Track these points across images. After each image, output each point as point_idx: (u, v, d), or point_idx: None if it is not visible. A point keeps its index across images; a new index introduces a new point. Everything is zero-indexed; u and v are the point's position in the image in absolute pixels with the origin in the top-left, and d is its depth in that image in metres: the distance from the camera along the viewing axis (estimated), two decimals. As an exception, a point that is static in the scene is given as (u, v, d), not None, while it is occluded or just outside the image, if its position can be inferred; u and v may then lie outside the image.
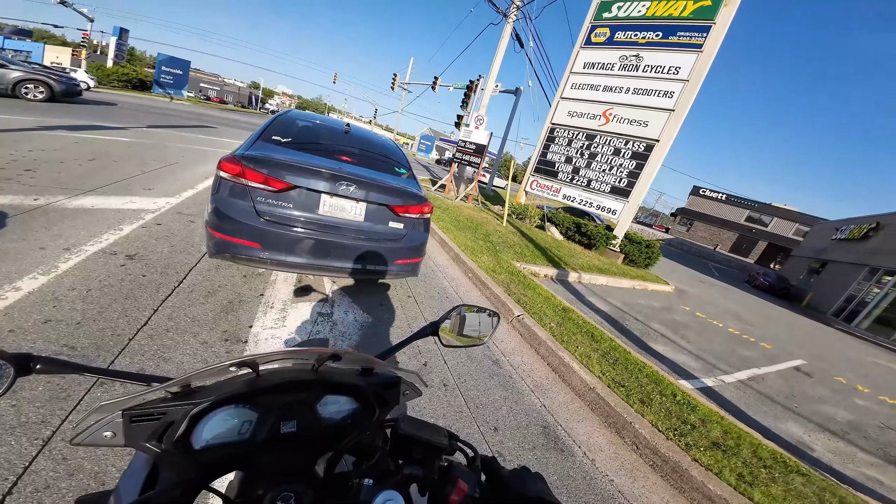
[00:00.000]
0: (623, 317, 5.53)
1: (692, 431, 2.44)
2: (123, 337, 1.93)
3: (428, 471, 0.54)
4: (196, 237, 3.38)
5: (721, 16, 8.36)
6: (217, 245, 2.29)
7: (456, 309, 0.88)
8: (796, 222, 35.78)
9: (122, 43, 31.42)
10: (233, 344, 2.13)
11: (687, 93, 8.73)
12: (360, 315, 2.84)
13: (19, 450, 1.29)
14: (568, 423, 2.41)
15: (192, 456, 0.50)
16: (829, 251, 20.89)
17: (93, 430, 0.47)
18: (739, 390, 4.21)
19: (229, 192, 2.28)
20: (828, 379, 5.95)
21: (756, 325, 8.96)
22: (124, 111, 11.93)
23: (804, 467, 2.43)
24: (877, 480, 3.07)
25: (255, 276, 2.97)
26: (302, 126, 3.08)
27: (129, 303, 2.21)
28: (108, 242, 2.87)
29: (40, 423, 1.40)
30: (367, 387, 0.61)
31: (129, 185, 4.35)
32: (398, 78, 23.38)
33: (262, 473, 0.55)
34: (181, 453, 0.50)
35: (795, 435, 3.50)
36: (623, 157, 9.69)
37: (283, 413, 0.55)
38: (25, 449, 1.30)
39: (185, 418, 0.49)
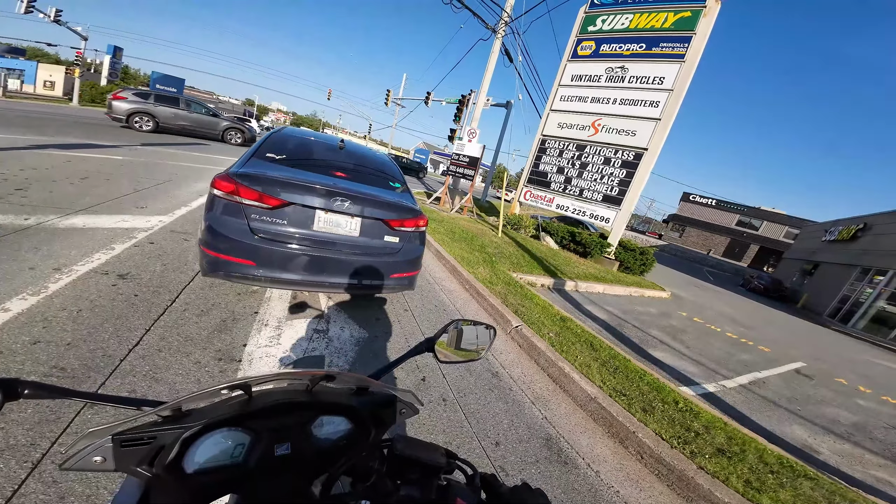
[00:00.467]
0: (621, 324, 5.52)
1: (696, 439, 2.41)
2: (115, 358, 1.89)
3: (426, 491, 0.53)
4: (190, 255, 3.35)
5: (701, 26, 8.69)
6: (211, 263, 2.26)
7: (452, 324, 0.87)
8: (785, 225, 36.40)
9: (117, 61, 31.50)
10: (227, 363, 2.09)
11: (672, 102, 8.97)
12: (356, 331, 2.81)
13: (8, 473, 1.26)
14: (570, 434, 2.37)
15: (184, 480, 0.49)
16: (820, 252, 21.20)
17: (82, 455, 0.46)
18: (741, 395, 4.19)
19: (223, 209, 2.27)
20: (829, 380, 5.95)
21: (753, 328, 9.00)
22: (112, 128, 11.95)
23: (812, 471, 2.41)
24: (886, 482, 3.04)
25: (250, 293, 2.94)
26: (296, 143, 3.10)
27: (121, 323, 2.17)
28: (100, 262, 2.83)
29: (29, 446, 1.37)
30: (362, 407, 0.60)
31: (121, 203, 4.32)
32: (391, 94, 23.81)
33: (256, 497, 0.53)
34: (173, 478, 0.49)
35: (801, 438, 3.48)
36: (613, 166, 9.86)
37: (277, 435, 0.54)
38: (14, 472, 1.27)
39: (176, 442, 0.48)
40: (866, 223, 17.47)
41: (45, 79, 31.35)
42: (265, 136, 3.00)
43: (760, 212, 38.44)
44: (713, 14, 8.60)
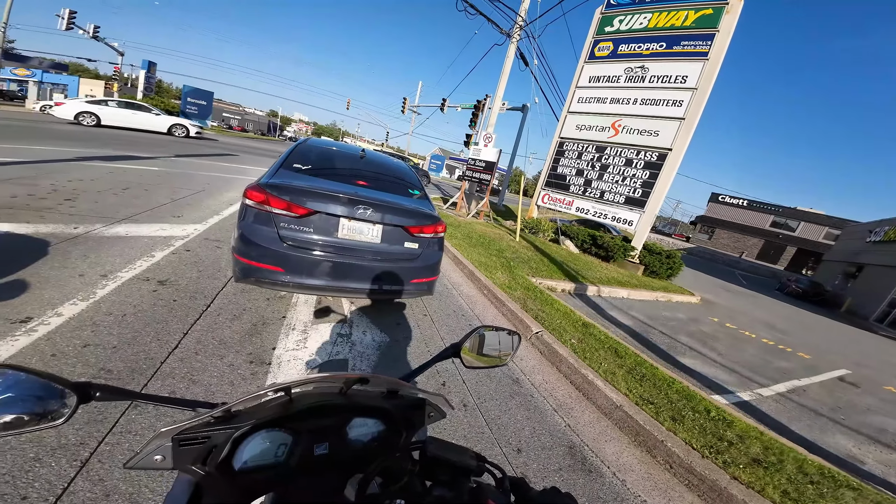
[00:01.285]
0: (647, 330, 5.35)
1: (730, 448, 2.31)
2: (156, 360, 2.01)
3: (458, 492, 0.53)
4: (222, 262, 3.52)
5: (724, 23, 8.40)
6: (243, 270, 2.38)
7: (476, 330, 0.89)
8: (825, 226, 34.18)
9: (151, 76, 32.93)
10: (257, 366, 2.18)
11: (696, 100, 8.68)
12: (377, 335, 2.86)
13: (59, 471, 1.33)
14: (595, 443, 2.32)
15: (232, 478, 0.53)
16: (865, 254, 19.78)
17: (145, 454, 0.50)
18: (779, 403, 3.96)
19: (254, 218, 2.39)
20: (876, 388, 5.55)
21: (792, 333, 8.48)
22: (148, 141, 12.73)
23: (855, 481, 2.27)
24: None
25: (278, 298, 3.06)
26: (320, 153, 3.22)
27: (161, 327, 2.31)
28: (142, 269, 3.03)
29: (79, 445, 1.44)
30: (394, 409, 0.62)
31: (159, 212, 4.60)
32: (408, 101, 24.20)
33: (294, 496, 0.56)
34: (222, 476, 0.52)
35: (844, 448, 3.28)
36: (636, 168, 9.61)
37: (316, 436, 0.57)
38: (65, 470, 1.34)
39: (227, 441, 0.52)
40: (917, 222, 16.17)
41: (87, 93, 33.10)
42: (291, 147, 3.13)
43: (797, 212, 36.30)
44: (737, 10, 8.30)
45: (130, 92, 32.02)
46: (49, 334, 2.02)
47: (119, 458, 1.43)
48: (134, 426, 1.57)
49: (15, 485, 1.26)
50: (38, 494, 1.25)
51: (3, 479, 1.27)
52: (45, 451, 1.39)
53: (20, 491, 1.25)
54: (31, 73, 31.19)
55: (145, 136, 14.21)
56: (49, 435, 1.45)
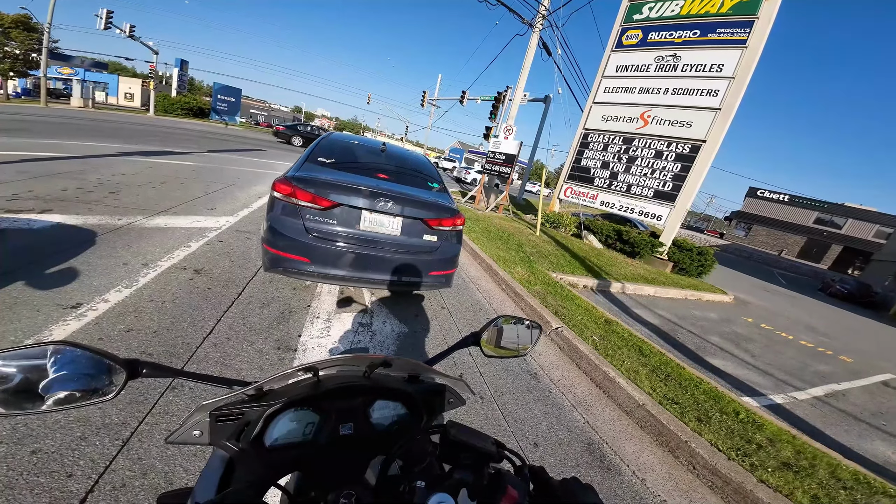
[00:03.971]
0: (675, 330, 5.16)
1: (758, 451, 2.22)
2: (192, 345, 2.14)
3: (478, 476, 0.53)
4: (252, 253, 3.68)
5: (764, 9, 7.82)
6: (272, 260, 2.49)
7: (497, 319, 0.89)
8: (876, 223, 31.50)
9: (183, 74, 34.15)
10: (284, 352, 2.28)
11: (734, 90, 8.17)
12: (396, 325, 2.92)
13: (102, 450, 1.41)
14: (614, 440, 2.28)
15: (264, 455, 0.56)
16: (923, 254, 18.10)
17: (185, 430, 0.53)
18: (815, 408, 3.75)
19: (282, 210, 2.48)
20: (927, 397, 5.10)
21: (833, 336, 7.95)
22: (183, 136, 13.36)
23: (892, 488, 2.14)
24: None
25: (303, 288, 3.17)
26: (343, 147, 3.29)
27: (197, 314, 2.45)
28: (179, 258, 3.22)
29: (121, 425, 1.52)
30: (416, 393, 0.64)
31: (194, 205, 4.85)
32: (427, 95, 24.13)
33: (318, 474, 0.58)
34: (255, 452, 0.55)
35: (883, 455, 3.09)
36: (666, 160, 9.19)
37: (342, 416, 0.60)
38: (108, 449, 1.41)
39: (260, 419, 0.55)
40: None
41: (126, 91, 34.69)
42: (317, 141, 3.22)
43: (844, 208, 33.63)
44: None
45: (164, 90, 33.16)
46: (97, 319, 2.19)
47: (157, 438, 1.51)
48: (171, 407, 1.68)
49: (62, 462, 1.33)
50: (82, 472, 1.32)
51: (53, 458, 1.34)
52: (91, 430, 1.47)
53: (66, 469, 1.32)
54: (75, 71, 33.06)
55: (179, 131, 14.91)
56: (94, 415, 1.53)
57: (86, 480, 1.30)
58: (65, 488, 1.26)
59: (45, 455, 1.35)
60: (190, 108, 29.33)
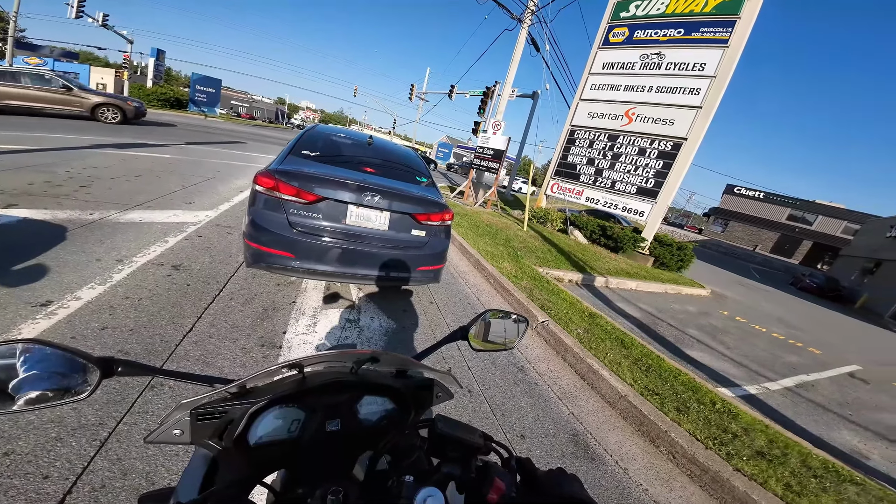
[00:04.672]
0: (655, 322, 5.32)
1: (734, 440, 2.31)
2: (171, 343, 2.07)
3: (466, 470, 0.54)
4: (233, 248, 3.58)
5: (746, 9, 8.03)
6: (254, 255, 2.42)
7: (484, 313, 0.90)
8: (844, 220, 33.16)
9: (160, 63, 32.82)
10: (268, 349, 2.24)
11: (715, 89, 8.38)
12: (384, 321, 2.90)
13: (79, 450, 1.36)
14: (598, 431, 2.34)
15: (247, 453, 0.55)
16: (884, 250, 19.19)
17: (164, 429, 0.52)
18: (786, 398, 3.94)
19: (265, 204, 2.41)
20: (886, 385, 5.49)
21: (803, 329, 8.36)
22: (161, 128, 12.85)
23: (859, 476, 2.27)
24: None
25: (288, 284, 3.11)
26: (328, 140, 3.22)
27: (176, 311, 2.37)
28: (156, 254, 3.10)
29: (98, 425, 1.47)
30: (403, 388, 0.64)
31: (172, 199, 4.67)
32: (415, 88, 23.86)
33: (305, 471, 0.58)
34: (238, 450, 0.54)
35: (850, 444, 3.27)
36: (649, 157, 9.39)
37: (328, 412, 0.59)
38: (84, 450, 1.37)
39: (243, 416, 0.54)
40: (943, 216, 15.59)
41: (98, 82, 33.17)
42: (300, 134, 3.14)
43: (815, 206, 35.24)
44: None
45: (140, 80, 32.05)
46: (69, 317, 2.09)
47: (137, 438, 1.46)
48: (151, 406, 1.62)
49: (37, 464, 1.29)
50: (59, 473, 1.28)
51: (27, 459, 1.30)
52: (66, 430, 1.42)
53: (42, 470, 1.27)
54: (43, 61, 31.40)
55: (156, 123, 14.28)
56: (69, 415, 1.48)
57: (63, 482, 1.26)
58: (41, 490, 1.22)
59: (18, 457, 1.30)
60: (166, 99, 28.30)
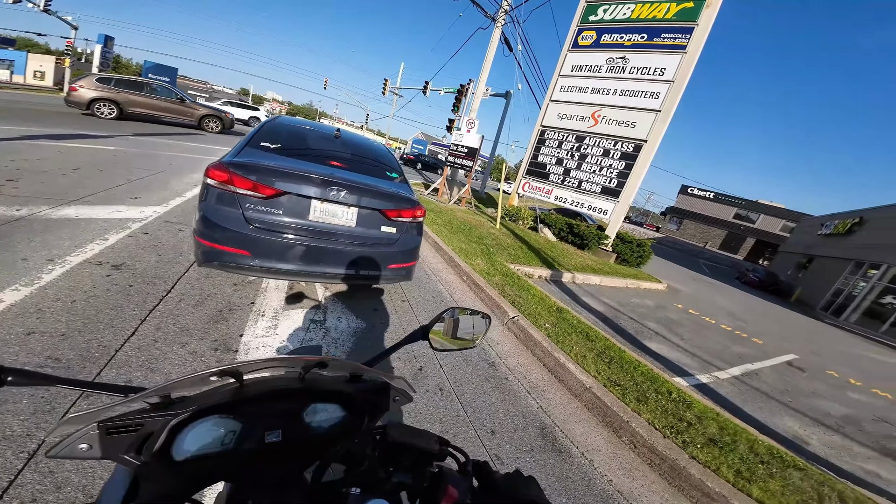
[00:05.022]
0: (617, 316, 5.56)
1: (689, 429, 2.45)
2: (110, 348, 1.89)
3: (417, 478, 0.53)
4: (185, 246, 3.32)
5: (703, 17, 8.56)
6: (206, 253, 2.25)
7: (447, 311, 0.87)
8: (783, 219, 36.55)
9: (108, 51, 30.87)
10: (223, 353, 2.09)
11: (672, 93, 8.89)
12: (353, 321, 2.81)
13: (4, 463, 1.26)
14: (565, 423, 2.40)
15: (173, 468, 0.49)
16: (816, 246, 21.35)
17: (68, 443, 0.45)
18: (734, 386, 4.25)
19: (217, 199, 2.25)
20: (820, 373, 6.04)
21: (747, 321, 9.09)
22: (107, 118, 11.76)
23: (801, 462, 2.44)
24: (875, 474, 3.09)
25: (246, 284, 2.93)
26: (291, 132, 3.06)
27: (116, 313, 2.16)
28: (94, 253, 2.81)
29: (25, 437, 1.37)
30: (356, 393, 0.60)
31: (115, 194, 4.27)
32: (389, 83, 23.47)
33: (249, 484, 0.54)
34: (162, 465, 0.48)
35: (791, 429, 3.53)
36: (612, 158, 9.81)
37: (268, 422, 0.54)
38: (11, 462, 1.27)
39: (164, 429, 0.48)
40: (862, 217, 17.58)
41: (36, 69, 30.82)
42: (259, 126, 2.95)
43: (758, 205, 38.54)
44: (716, 5, 8.46)
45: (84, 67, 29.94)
46: (-14, 322, 1.85)
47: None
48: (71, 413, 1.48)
49: None
50: None
51: None
52: None
53: None
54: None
55: (100, 108, 13.04)
56: None
57: (-13, 496, 1.14)
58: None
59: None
60: None
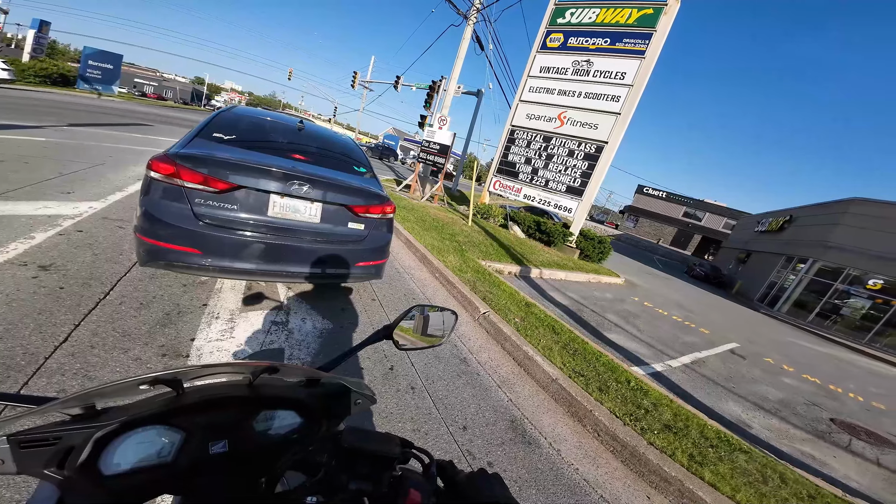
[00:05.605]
0: (580, 309, 5.80)
1: (646, 416, 2.59)
2: (38, 356, 1.68)
3: (377, 484, 0.51)
4: (125, 244, 3.02)
5: (661, 24, 9.09)
6: (149, 252, 2.05)
7: (414, 308, 0.85)
8: (725, 216, 39.89)
9: (42, 36, 28.08)
10: (172, 359, 1.92)
11: (631, 97, 9.39)
12: (319, 322, 2.70)
13: None
14: (534, 415, 2.46)
15: (104, 482, 0.44)
16: (753, 242, 23.52)
17: None
18: (685, 374, 4.57)
19: (162, 193, 2.05)
20: (759, 360, 6.62)
21: (696, 312, 9.84)
22: (36, 108, 10.51)
23: (746, 445, 2.62)
24: (809, 455, 3.39)
25: (197, 284, 2.71)
26: (248, 123, 2.86)
27: (44, 318, 1.92)
28: (17, 252, 2.48)
29: None
30: (310, 399, 0.56)
31: (43, 188, 3.80)
32: (359, 76, 22.84)
33: (197, 497, 0.50)
34: (88, 480, 0.43)
35: (735, 414, 3.81)
36: (576, 158, 10.21)
37: (212, 432, 0.50)
38: None
39: (87, 442, 0.42)
40: (792, 215, 19.59)
41: None
42: (211, 115, 2.74)
43: (704, 204, 41.78)
44: (673, 12, 9.01)
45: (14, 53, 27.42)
46: None
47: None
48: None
49: None
50: None
51: None
52: None
53: None
54: None
55: (31, 102, 11.60)
56: None
57: None
58: None
59: None
60: (48, 75, 24.44)
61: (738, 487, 2.13)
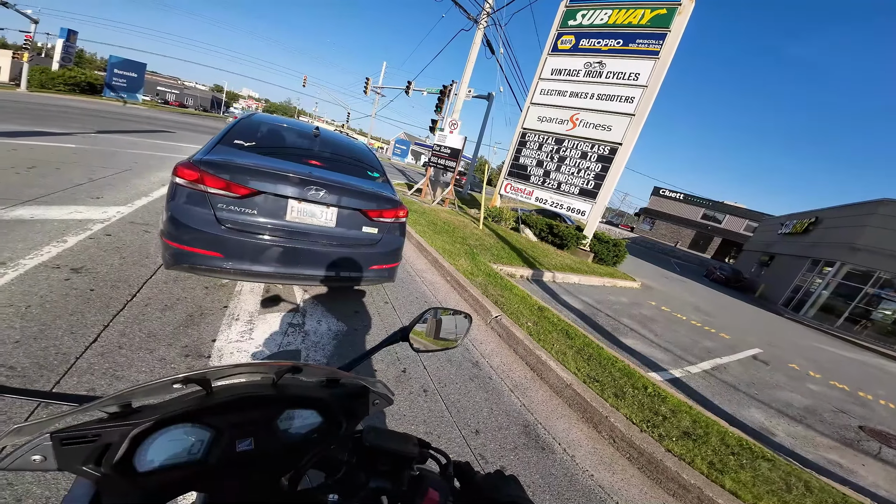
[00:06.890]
0: (595, 313, 5.71)
1: (664, 422, 2.53)
2: (70, 355, 1.77)
3: (396, 483, 0.52)
4: (151, 248, 3.15)
5: (675, 24, 8.92)
6: (174, 255, 2.14)
7: (428, 312, 0.87)
8: (746, 218, 38.62)
9: (70, 45, 29.72)
10: (194, 359, 1.99)
11: (646, 98, 9.23)
12: (334, 324, 2.75)
13: None
14: (547, 420, 2.43)
15: (137, 479, 0.46)
16: (776, 245, 22.70)
17: (20, 454, 0.42)
18: (704, 380, 4.44)
19: (186, 199, 2.14)
20: (783, 366, 6.38)
21: (715, 316, 9.55)
22: (64, 115, 11.06)
23: (769, 453, 2.54)
24: (836, 463, 3.26)
25: (218, 287, 2.80)
26: (267, 130, 2.96)
27: (76, 319, 2.02)
28: (50, 255, 2.62)
29: None
30: (332, 399, 0.58)
31: (74, 193, 4.00)
32: (371, 82, 23.21)
33: (223, 494, 0.52)
34: (124, 477, 0.46)
35: (758, 421, 3.69)
36: (589, 161, 10.08)
37: (239, 431, 0.52)
38: None
39: (123, 440, 0.45)
40: (818, 217, 18.83)
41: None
42: (233, 123, 2.84)
43: (724, 206, 40.58)
44: (687, 12, 8.84)
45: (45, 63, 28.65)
46: (-75, 330, 1.69)
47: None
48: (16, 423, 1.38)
49: None
50: None
51: None
52: None
53: None
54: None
55: (59, 108, 12.24)
56: None
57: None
58: None
59: None
60: (76, 84, 25.42)
61: (761, 496, 2.06)
